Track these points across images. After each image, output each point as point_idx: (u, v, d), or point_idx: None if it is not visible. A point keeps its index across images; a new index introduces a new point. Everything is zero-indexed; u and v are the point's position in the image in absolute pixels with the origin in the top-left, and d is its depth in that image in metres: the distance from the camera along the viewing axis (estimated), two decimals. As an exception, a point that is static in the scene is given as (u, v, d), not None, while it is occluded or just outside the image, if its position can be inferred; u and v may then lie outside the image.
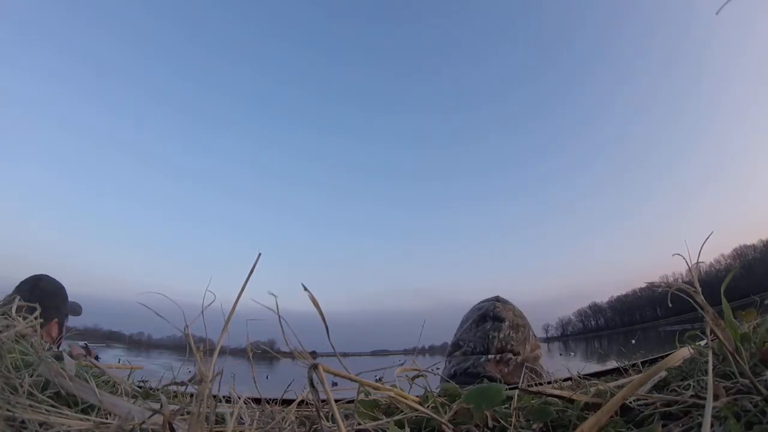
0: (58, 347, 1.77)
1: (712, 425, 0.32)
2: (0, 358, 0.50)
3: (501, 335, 1.20)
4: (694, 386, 0.43)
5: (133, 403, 0.48)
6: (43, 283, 1.75)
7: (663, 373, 0.48)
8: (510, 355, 1.18)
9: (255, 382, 0.55)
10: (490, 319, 1.24)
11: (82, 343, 2.03)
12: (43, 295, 1.70)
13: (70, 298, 1.94)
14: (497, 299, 1.31)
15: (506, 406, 0.45)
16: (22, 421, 0.39)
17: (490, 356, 1.16)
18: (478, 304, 1.31)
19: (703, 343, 0.53)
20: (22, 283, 1.72)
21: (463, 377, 1.15)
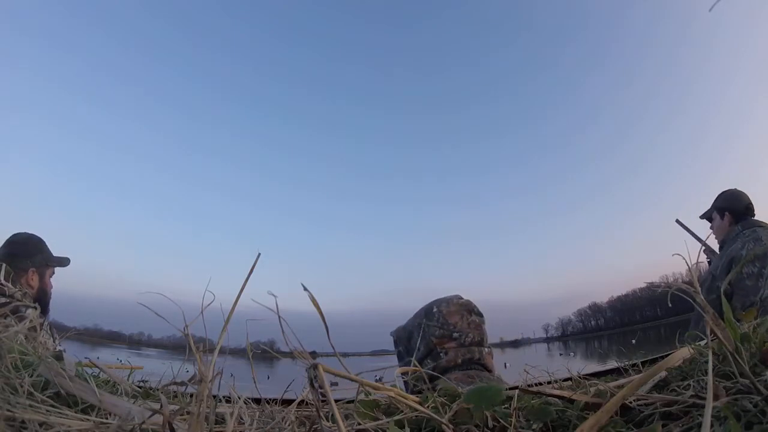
0: (46, 296, 1.73)
1: (712, 425, 0.32)
2: (0, 358, 0.50)
3: (485, 328, 1.26)
4: (694, 386, 0.43)
5: (133, 403, 0.48)
6: (14, 237, 1.73)
7: (663, 373, 0.48)
8: (491, 348, 1.25)
9: (255, 382, 0.55)
10: (475, 314, 1.27)
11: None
12: (12, 246, 1.70)
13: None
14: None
15: (506, 406, 0.45)
16: (22, 421, 0.39)
17: (487, 348, 1.22)
18: (451, 297, 1.30)
19: (703, 343, 0.53)
20: None
21: (470, 365, 1.18)
